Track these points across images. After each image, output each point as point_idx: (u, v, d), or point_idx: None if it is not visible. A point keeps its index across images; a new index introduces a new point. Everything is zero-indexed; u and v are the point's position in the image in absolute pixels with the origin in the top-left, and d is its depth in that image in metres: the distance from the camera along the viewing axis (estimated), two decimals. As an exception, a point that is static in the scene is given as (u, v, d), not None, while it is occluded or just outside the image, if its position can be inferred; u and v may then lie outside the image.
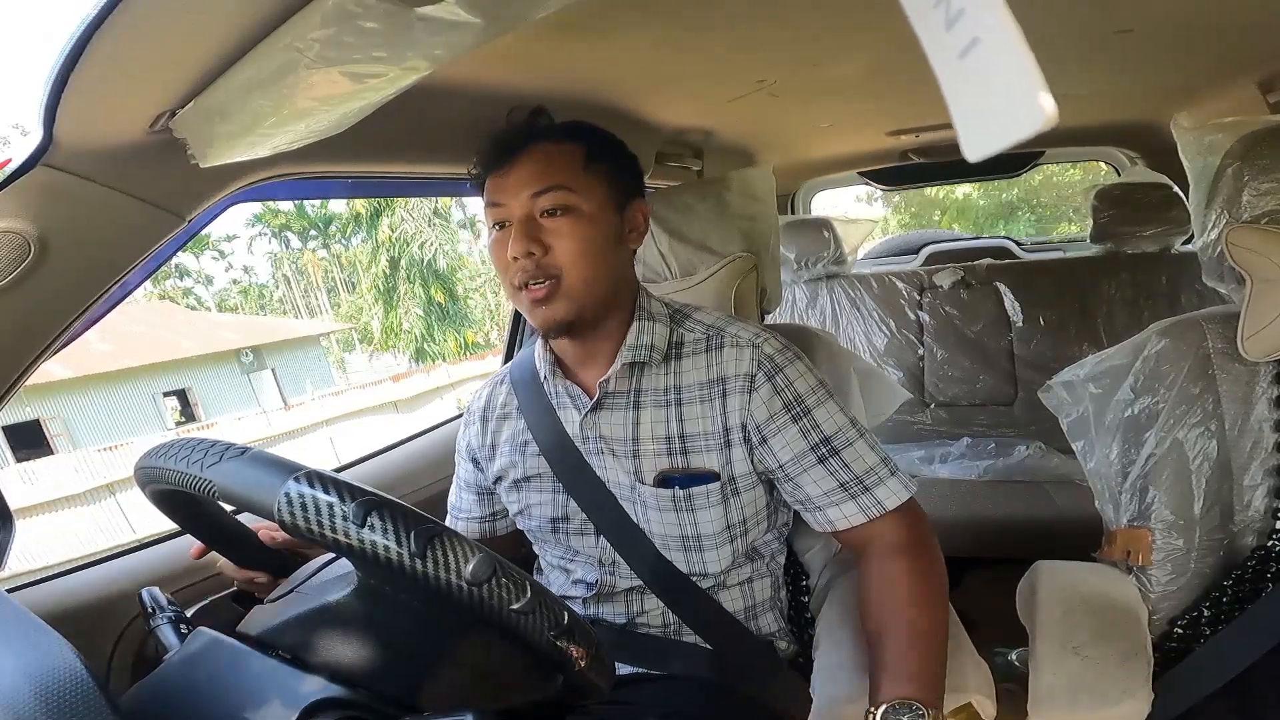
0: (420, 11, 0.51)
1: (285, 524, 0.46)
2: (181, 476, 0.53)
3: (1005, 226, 17.03)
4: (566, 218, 0.80)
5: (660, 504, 0.87)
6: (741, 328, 0.87)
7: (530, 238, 0.79)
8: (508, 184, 0.80)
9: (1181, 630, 0.93)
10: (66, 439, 13.04)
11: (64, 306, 0.74)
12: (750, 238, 1.20)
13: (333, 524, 0.45)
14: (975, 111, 0.26)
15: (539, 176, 0.79)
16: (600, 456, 0.89)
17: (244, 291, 28.84)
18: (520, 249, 0.79)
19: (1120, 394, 0.95)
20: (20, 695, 0.42)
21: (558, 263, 0.80)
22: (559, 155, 0.81)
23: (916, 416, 2.27)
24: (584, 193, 0.80)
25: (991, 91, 0.25)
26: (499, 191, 0.81)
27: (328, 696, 0.48)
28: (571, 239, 0.79)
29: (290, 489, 0.46)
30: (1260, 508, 0.90)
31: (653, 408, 0.86)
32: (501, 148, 0.82)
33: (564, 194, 0.79)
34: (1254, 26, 1.11)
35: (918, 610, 0.79)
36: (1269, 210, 0.84)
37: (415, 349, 19.74)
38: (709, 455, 0.85)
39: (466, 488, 1.04)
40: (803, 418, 0.83)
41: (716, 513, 0.86)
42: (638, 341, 0.86)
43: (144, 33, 0.54)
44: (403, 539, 0.45)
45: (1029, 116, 0.24)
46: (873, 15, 0.92)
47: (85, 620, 0.86)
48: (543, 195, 0.79)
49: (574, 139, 0.82)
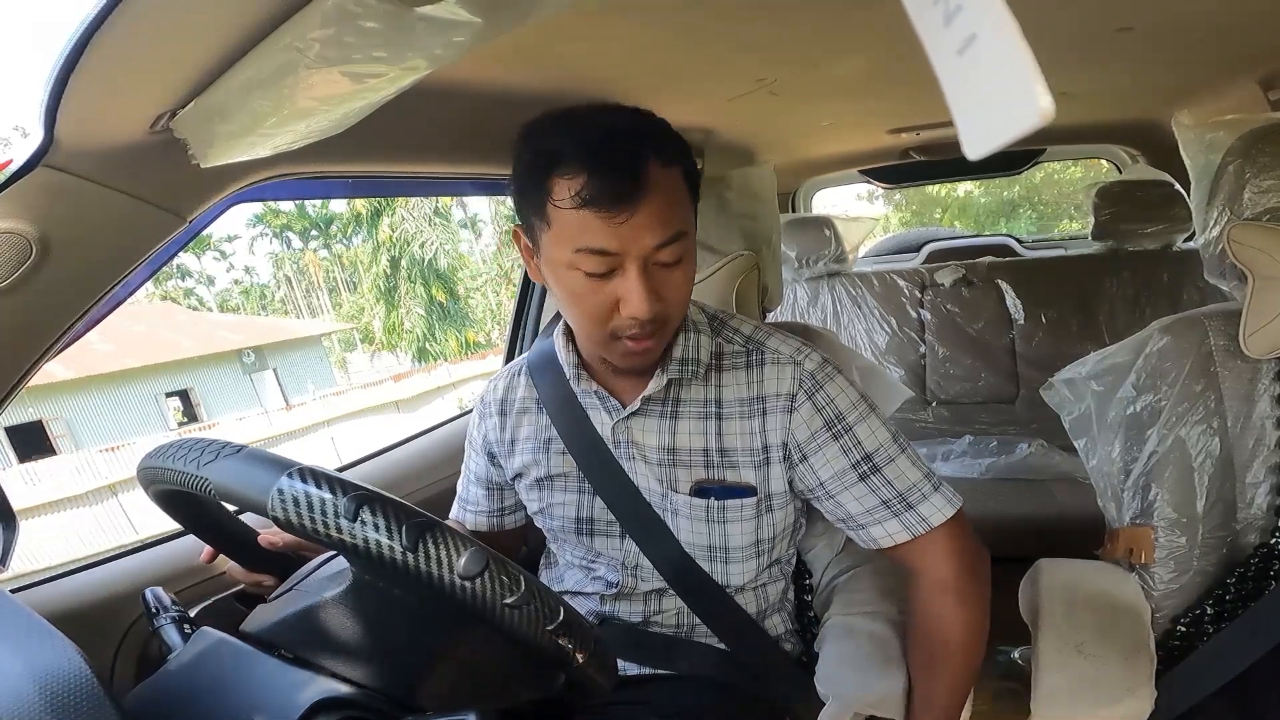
0: (420, 11, 0.51)
1: (279, 519, 0.46)
2: (179, 476, 0.53)
3: (1007, 224, 17.00)
4: (681, 267, 0.70)
5: (693, 513, 0.85)
6: (782, 342, 0.84)
7: (654, 294, 0.68)
8: (626, 231, 0.66)
9: (1184, 629, 0.93)
10: (69, 440, 13.07)
11: (65, 307, 0.74)
12: (751, 236, 1.20)
13: (325, 519, 0.45)
14: (974, 108, 0.26)
15: (664, 221, 0.67)
16: (631, 461, 0.86)
17: (245, 292, 28.88)
18: (648, 310, 0.68)
19: (1122, 391, 0.95)
20: (25, 696, 0.42)
21: (668, 314, 0.72)
22: (673, 188, 0.68)
23: (918, 415, 2.27)
24: (691, 230, 0.71)
25: (990, 88, 0.25)
26: (610, 238, 0.66)
27: (331, 696, 0.49)
28: (685, 288, 0.72)
29: (283, 485, 0.46)
30: (1263, 505, 0.90)
31: (692, 419, 0.83)
32: (620, 180, 0.65)
33: (685, 241, 0.69)
34: (1254, 24, 1.11)
35: (966, 656, 0.80)
36: (1270, 207, 0.84)
37: (417, 348, 19.76)
38: (746, 471, 0.83)
39: (477, 481, 1.00)
40: (844, 435, 0.79)
41: (748, 527, 0.85)
42: (684, 355, 0.81)
43: (144, 33, 0.54)
44: (394, 533, 0.45)
45: (1026, 112, 0.24)
46: (873, 13, 0.92)
47: (89, 621, 0.86)
48: (666, 247, 0.68)
49: (678, 159, 0.70)
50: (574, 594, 0.95)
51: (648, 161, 0.66)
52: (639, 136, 0.68)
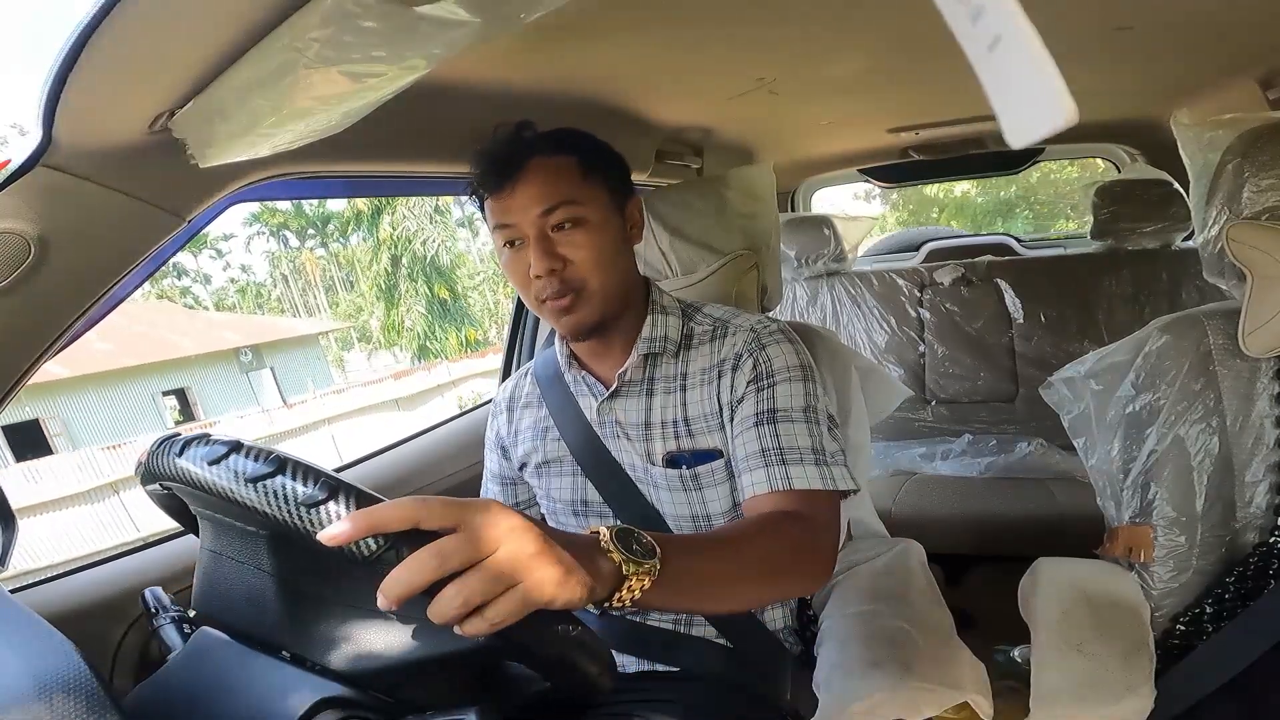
0: (419, 11, 0.51)
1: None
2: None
3: (1004, 224, 17.01)
4: (578, 230, 0.82)
5: (670, 484, 0.89)
6: (746, 318, 0.90)
7: (549, 254, 0.81)
8: (514, 204, 0.82)
9: (1183, 627, 0.93)
10: (65, 438, 13.04)
11: (64, 307, 0.74)
12: (751, 235, 1.20)
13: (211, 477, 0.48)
14: (1011, 102, 0.27)
15: (544, 194, 0.81)
16: (616, 440, 0.92)
17: (241, 290, 28.80)
18: (543, 268, 0.81)
19: (1121, 390, 0.95)
20: (25, 695, 0.42)
21: (578, 274, 0.82)
22: (558, 169, 0.82)
23: (918, 414, 2.27)
24: (588, 202, 0.83)
25: (1021, 85, 0.26)
26: (506, 212, 0.83)
27: (330, 695, 0.49)
28: (587, 249, 0.82)
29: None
30: (1262, 504, 0.90)
31: (663, 394, 0.90)
32: (500, 168, 0.82)
33: (572, 208, 0.82)
34: (1254, 23, 1.11)
35: (758, 552, 0.68)
36: (1269, 206, 0.84)
37: (418, 346, 19.75)
38: (711, 435, 0.87)
39: (493, 478, 1.07)
40: (765, 390, 0.83)
41: (723, 491, 0.88)
42: (653, 334, 0.90)
43: (143, 33, 0.54)
44: (248, 469, 0.47)
45: (1055, 112, 0.25)
46: (872, 12, 0.92)
47: (89, 621, 0.86)
48: (552, 212, 0.81)
49: (568, 150, 0.84)
50: None
51: (526, 154, 0.82)
52: (517, 139, 0.84)
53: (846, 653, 0.88)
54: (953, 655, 0.92)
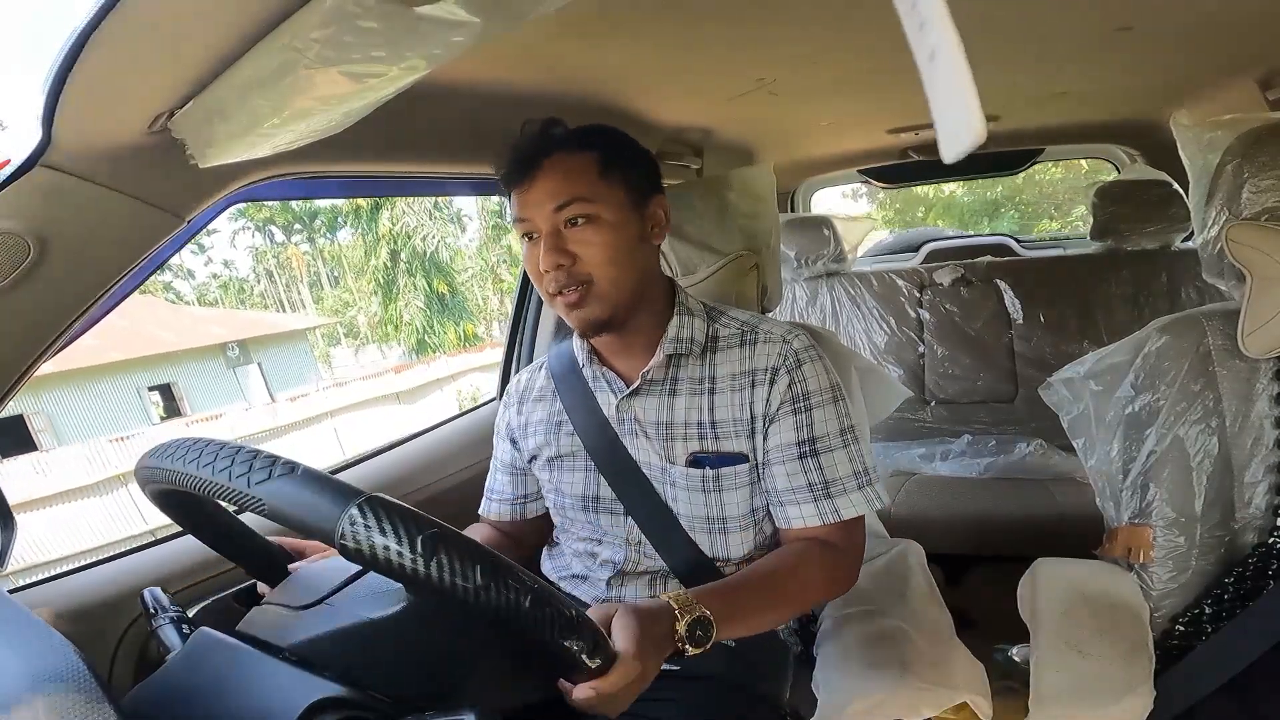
0: (419, 11, 0.51)
1: (347, 549, 0.47)
2: (226, 490, 0.52)
3: (990, 224, 17.04)
4: (589, 226, 0.84)
5: (690, 484, 0.90)
6: (774, 324, 0.92)
7: (558, 249, 0.83)
8: (530, 198, 0.84)
9: (1183, 628, 0.93)
10: (50, 434, 12.96)
11: (63, 307, 0.74)
12: (751, 236, 1.20)
13: (400, 553, 0.47)
14: (945, 112, 0.27)
15: (558, 190, 0.83)
16: (634, 438, 0.93)
17: (224, 286, 28.52)
18: (550, 262, 0.83)
19: (1121, 391, 0.95)
20: (24, 696, 0.42)
21: (586, 270, 0.84)
22: (575, 166, 0.84)
23: (917, 414, 2.27)
24: (603, 200, 0.84)
25: (950, 98, 0.27)
26: (524, 206, 0.85)
27: (329, 696, 0.48)
28: (596, 246, 0.84)
29: (354, 516, 0.47)
30: (1261, 505, 0.90)
31: (688, 395, 0.91)
32: (521, 163, 0.85)
33: (584, 205, 0.83)
34: (1253, 24, 1.11)
35: (799, 586, 0.82)
36: (1269, 207, 0.84)
37: (416, 340, 19.74)
38: (738, 440, 0.89)
39: (502, 469, 1.07)
40: (802, 413, 0.86)
41: (743, 494, 0.89)
42: (679, 335, 0.91)
43: (143, 33, 0.54)
44: (469, 574, 0.47)
45: (970, 130, 0.26)
46: (872, 13, 0.92)
47: (87, 621, 0.86)
48: (565, 208, 0.83)
49: (589, 147, 0.85)
50: (579, 579, 0.97)
51: (547, 149, 0.84)
52: (541, 135, 0.86)
53: (846, 653, 0.89)
54: (952, 655, 0.92)
